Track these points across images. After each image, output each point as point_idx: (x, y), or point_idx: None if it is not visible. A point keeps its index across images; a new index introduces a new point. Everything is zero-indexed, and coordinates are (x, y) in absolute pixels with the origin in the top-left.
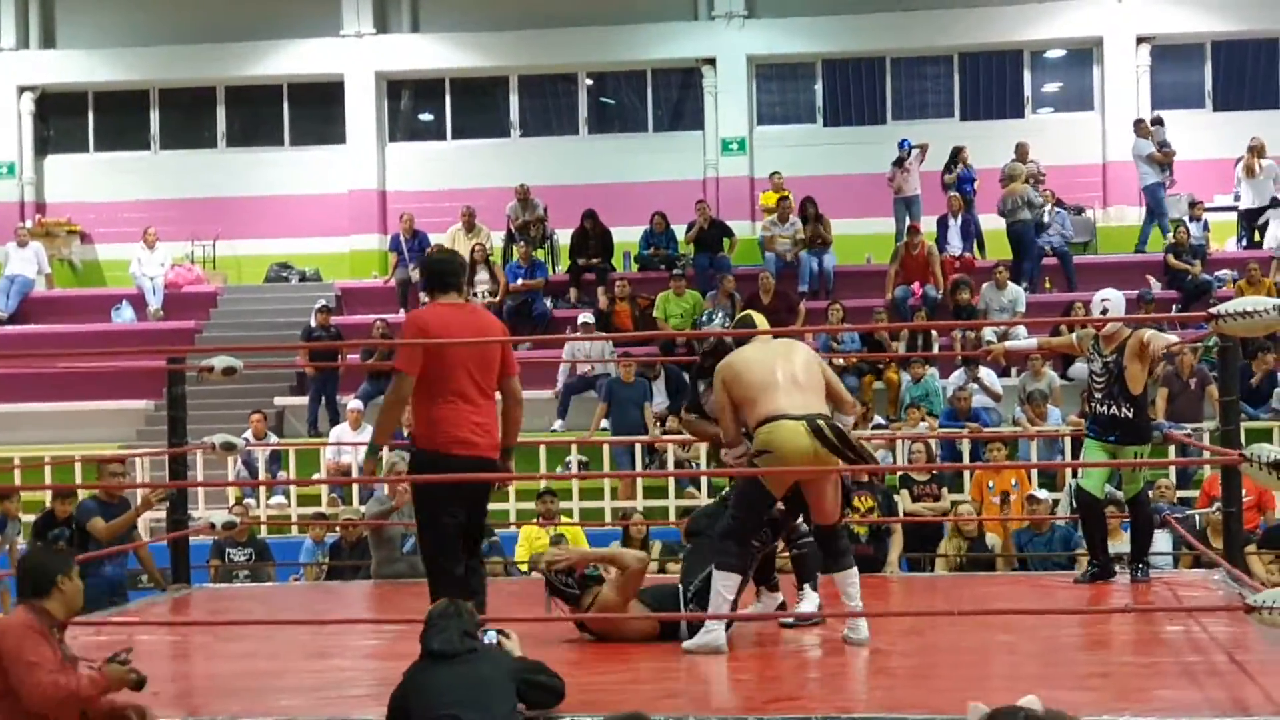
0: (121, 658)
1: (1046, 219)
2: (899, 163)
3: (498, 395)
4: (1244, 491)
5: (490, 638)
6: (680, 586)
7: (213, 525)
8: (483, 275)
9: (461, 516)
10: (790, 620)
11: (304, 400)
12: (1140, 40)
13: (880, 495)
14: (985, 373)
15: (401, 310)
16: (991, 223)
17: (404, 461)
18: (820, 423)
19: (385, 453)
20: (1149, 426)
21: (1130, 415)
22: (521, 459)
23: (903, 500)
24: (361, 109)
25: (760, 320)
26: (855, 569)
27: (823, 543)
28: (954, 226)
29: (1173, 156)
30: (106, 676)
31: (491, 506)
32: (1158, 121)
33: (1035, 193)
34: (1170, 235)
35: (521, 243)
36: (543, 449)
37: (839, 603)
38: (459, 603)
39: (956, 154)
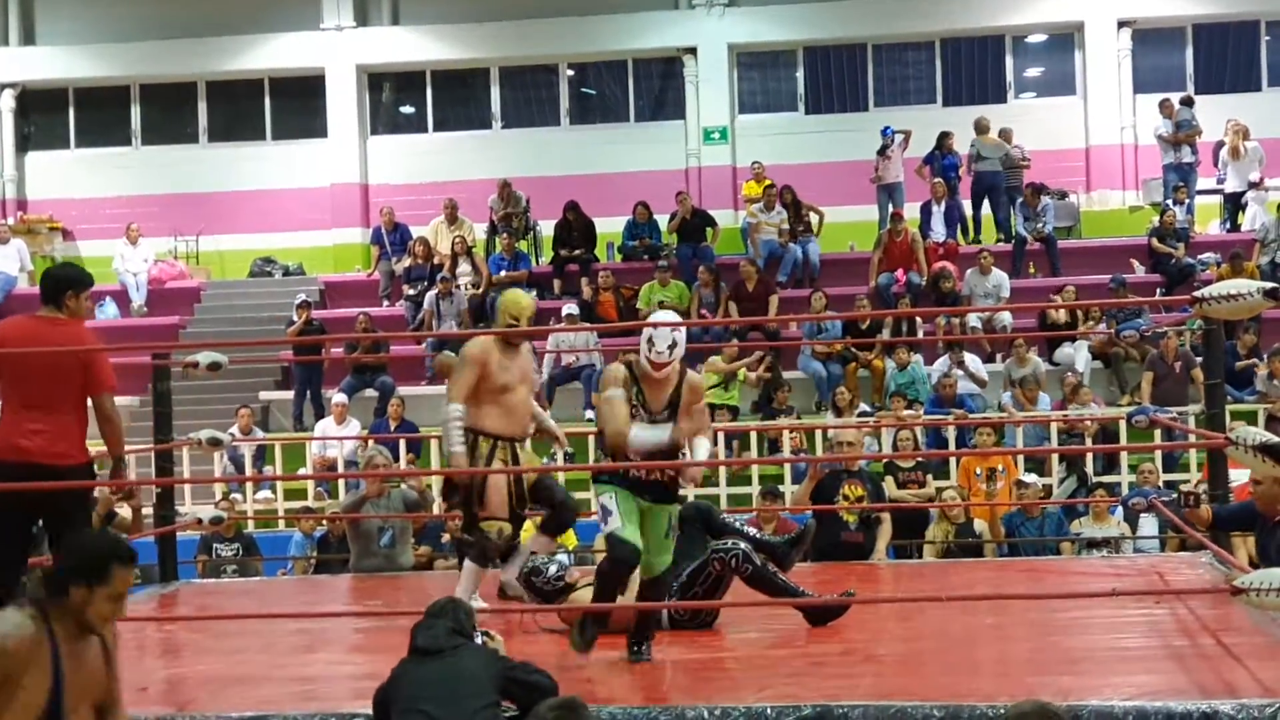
0: None
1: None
2: (882, 150)
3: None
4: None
5: (475, 638)
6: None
7: (200, 520)
8: (465, 268)
9: (19, 522)
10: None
11: (289, 395)
12: (1121, 24)
13: (870, 483)
14: (970, 359)
15: (385, 303)
16: (984, 208)
17: (381, 454)
18: None
19: (367, 447)
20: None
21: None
22: None
23: (888, 487)
24: (342, 102)
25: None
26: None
27: None
28: (937, 213)
29: (1194, 137)
30: None
31: None
32: (1187, 102)
33: (1009, 146)
34: (1156, 219)
35: (504, 234)
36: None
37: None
38: (456, 600)
39: (943, 140)
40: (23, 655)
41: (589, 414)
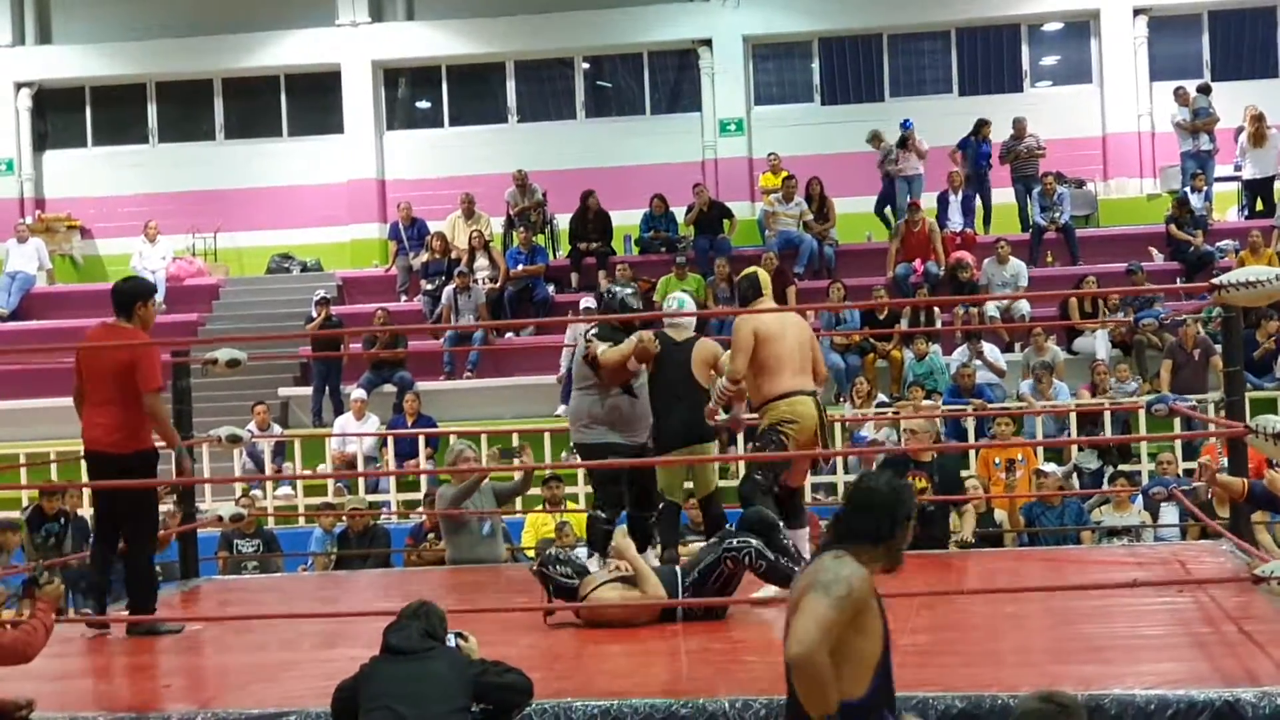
0: (43, 578)
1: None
2: (903, 143)
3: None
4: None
5: (449, 641)
6: (679, 570)
7: (220, 518)
8: (482, 262)
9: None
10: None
11: (308, 391)
12: (1137, 12)
13: (937, 474)
14: (989, 349)
15: (403, 298)
16: (1000, 197)
17: (470, 449)
18: (819, 399)
19: (454, 440)
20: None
21: None
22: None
23: None
24: (359, 98)
25: (764, 278)
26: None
27: (787, 501)
28: (954, 203)
29: (1212, 125)
30: (47, 602)
31: None
32: (1204, 89)
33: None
34: (1171, 205)
35: (521, 228)
36: (547, 435)
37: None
38: (429, 603)
39: (980, 127)
40: (868, 596)
41: None
